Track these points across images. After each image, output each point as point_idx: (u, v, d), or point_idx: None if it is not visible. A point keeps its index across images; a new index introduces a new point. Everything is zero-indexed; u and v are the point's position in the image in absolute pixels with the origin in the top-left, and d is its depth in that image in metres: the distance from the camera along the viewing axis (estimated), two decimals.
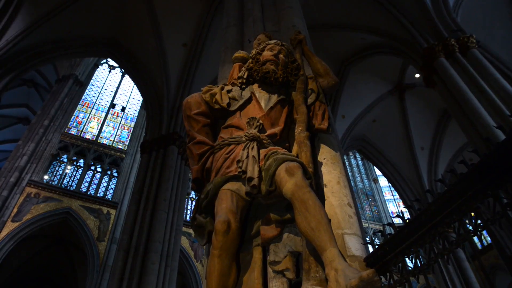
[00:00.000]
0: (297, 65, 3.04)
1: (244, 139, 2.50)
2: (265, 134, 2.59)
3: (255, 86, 2.95)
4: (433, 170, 16.15)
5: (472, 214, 1.78)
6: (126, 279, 8.04)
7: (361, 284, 1.52)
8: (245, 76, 2.98)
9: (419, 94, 15.30)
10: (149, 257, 8.41)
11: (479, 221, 1.68)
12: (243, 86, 2.96)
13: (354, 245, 2.24)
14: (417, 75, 13.25)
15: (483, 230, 1.67)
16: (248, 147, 2.42)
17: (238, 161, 2.35)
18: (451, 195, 1.79)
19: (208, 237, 2.40)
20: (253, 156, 2.34)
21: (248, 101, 2.82)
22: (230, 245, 2.11)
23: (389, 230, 3.86)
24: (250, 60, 3.07)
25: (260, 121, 2.62)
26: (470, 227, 1.71)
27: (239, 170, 2.31)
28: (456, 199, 1.78)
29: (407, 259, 1.99)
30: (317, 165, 2.62)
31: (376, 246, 2.11)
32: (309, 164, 2.36)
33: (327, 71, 3.10)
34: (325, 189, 2.52)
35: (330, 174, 2.60)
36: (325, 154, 2.74)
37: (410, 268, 2.04)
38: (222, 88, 2.92)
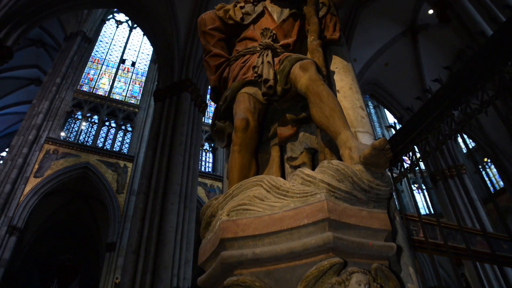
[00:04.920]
0: None
1: (258, 48, 2.58)
2: (279, 44, 2.66)
3: (267, 1, 2.99)
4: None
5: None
6: (147, 219, 8.45)
7: (373, 152, 1.64)
8: None
9: (433, 36, 14.93)
10: (168, 199, 8.77)
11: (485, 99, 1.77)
12: (255, 3, 3.01)
13: (367, 141, 2.36)
14: (431, 11, 12.84)
15: (488, 107, 1.77)
16: (263, 55, 2.50)
17: (254, 67, 2.44)
18: (458, 78, 1.87)
19: (227, 139, 2.54)
20: (268, 62, 2.43)
21: (261, 14, 2.87)
22: (249, 142, 2.24)
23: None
24: None
25: (273, 32, 2.68)
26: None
27: (255, 75, 2.41)
28: (463, 82, 1.86)
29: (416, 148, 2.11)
30: (329, 72, 2.71)
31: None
32: (322, 68, 2.45)
33: None
34: (338, 95, 2.62)
35: (342, 81, 2.69)
36: (337, 64, 2.82)
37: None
38: (235, 5, 2.97)
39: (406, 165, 2.37)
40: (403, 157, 2.21)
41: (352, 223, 1.61)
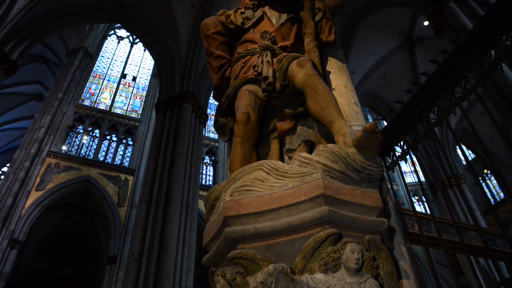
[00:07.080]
0: None
1: (258, 49, 2.74)
2: (277, 46, 2.83)
3: (266, 7, 3.17)
4: (445, 125, 16.24)
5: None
6: (149, 228, 8.54)
7: (365, 134, 1.78)
8: None
9: (430, 48, 15.16)
10: (170, 207, 8.88)
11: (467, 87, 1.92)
12: (255, 8, 3.19)
13: None
14: (426, 23, 13.12)
15: (470, 94, 1.92)
16: (262, 55, 2.66)
17: (254, 66, 2.60)
18: (443, 70, 2.02)
19: (230, 134, 2.70)
20: (268, 61, 2.59)
21: (261, 19, 3.05)
22: (250, 134, 2.39)
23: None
24: None
25: (272, 34, 2.85)
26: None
27: (255, 73, 2.57)
28: (447, 73, 2.01)
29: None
30: (325, 71, 2.86)
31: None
32: (318, 66, 2.61)
33: None
34: (333, 92, 2.77)
35: (337, 80, 2.85)
36: (333, 64, 2.99)
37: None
38: (236, 11, 3.15)
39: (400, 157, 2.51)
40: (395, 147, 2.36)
41: (347, 200, 1.75)
